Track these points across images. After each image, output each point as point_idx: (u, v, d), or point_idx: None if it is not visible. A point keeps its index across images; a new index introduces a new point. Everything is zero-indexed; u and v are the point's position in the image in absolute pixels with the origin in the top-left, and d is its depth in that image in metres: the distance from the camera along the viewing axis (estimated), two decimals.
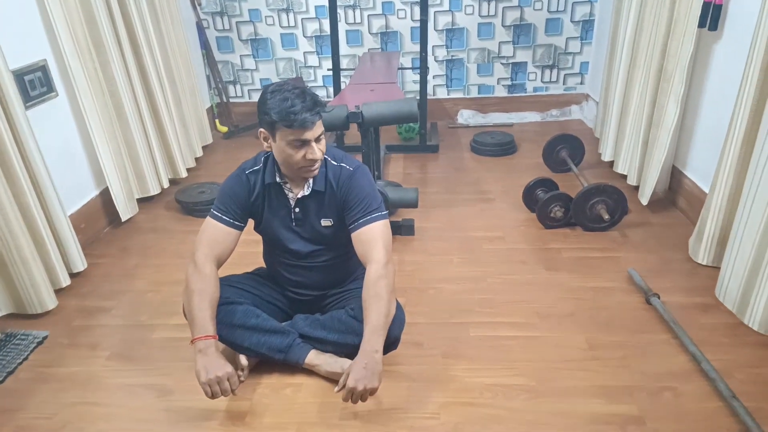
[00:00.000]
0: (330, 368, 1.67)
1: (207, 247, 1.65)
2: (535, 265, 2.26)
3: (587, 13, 3.76)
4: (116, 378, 1.75)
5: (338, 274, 1.83)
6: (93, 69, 2.49)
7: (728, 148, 1.97)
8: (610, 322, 1.90)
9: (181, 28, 3.28)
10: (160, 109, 2.96)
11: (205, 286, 1.58)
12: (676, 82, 2.32)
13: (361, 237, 1.62)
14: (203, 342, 1.52)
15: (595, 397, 1.59)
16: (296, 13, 3.82)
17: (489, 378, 1.68)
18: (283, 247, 1.76)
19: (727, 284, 1.92)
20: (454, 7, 3.77)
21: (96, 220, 2.63)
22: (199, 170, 3.35)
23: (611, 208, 2.43)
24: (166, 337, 1.92)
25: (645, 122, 2.62)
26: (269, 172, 1.67)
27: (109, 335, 1.95)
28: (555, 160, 3.11)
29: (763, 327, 1.78)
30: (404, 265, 2.29)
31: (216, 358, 1.50)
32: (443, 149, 3.55)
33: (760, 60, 1.77)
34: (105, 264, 2.40)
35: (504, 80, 4.00)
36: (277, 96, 1.51)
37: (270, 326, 1.69)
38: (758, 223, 1.74)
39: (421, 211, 2.70)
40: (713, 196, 2.06)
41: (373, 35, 3.87)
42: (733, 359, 1.70)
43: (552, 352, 1.77)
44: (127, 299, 2.15)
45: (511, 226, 2.58)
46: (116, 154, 2.63)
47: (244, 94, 4.12)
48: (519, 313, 1.97)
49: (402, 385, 1.66)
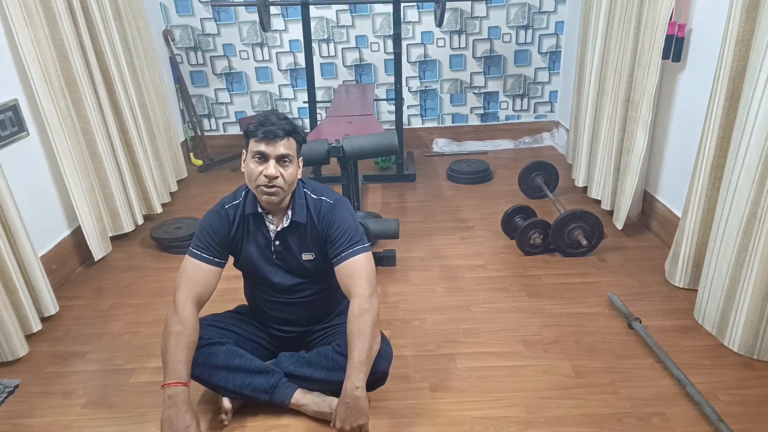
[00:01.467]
0: (317, 407, 1.63)
1: (187, 287, 1.61)
2: (518, 293, 2.27)
3: (554, 44, 3.89)
4: (93, 427, 1.67)
5: (322, 309, 1.81)
6: (65, 107, 2.45)
7: (698, 173, 2.03)
8: (595, 348, 1.91)
9: (155, 63, 3.27)
10: (134, 146, 2.92)
11: (182, 329, 1.54)
12: (644, 111, 2.41)
13: (344, 270, 1.61)
14: (173, 389, 1.47)
15: (586, 426, 1.59)
16: (270, 47, 3.85)
17: (478, 411, 1.66)
18: (264, 281, 1.73)
19: (705, 306, 1.96)
20: (426, 40, 3.85)
21: (68, 260, 2.55)
22: (174, 205, 3.30)
23: (588, 234, 2.47)
24: (146, 381, 1.86)
25: (615, 149, 2.70)
26: (250, 203, 1.66)
27: (84, 381, 1.87)
28: (530, 186, 3.17)
29: (743, 348, 1.82)
30: (388, 296, 2.27)
31: (184, 411, 1.46)
32: (420, 178, 3.59)
33: (724, 91, 1.85)
34: (78, 306, 2.33)
35: (477, 109, 4.08)
36: (263, 113, 1.59)
37: (254, 366, 1.65)
38: (732, 245, 1.79)
39: (402, 241, 2.70)
40: (686, 220, 2.12)
41: (348, 68, 3.92)
42: (716, 381, 1.72)
43: (540, 381, 1.77)
44: (102, 342, 2.08)
45: (492, 253, 2.60)
46: (89, 192, 2.57)
47: (218, 128, 4.10)
48: (504, 341, 1.97)
49: (391, 422, 1.64)
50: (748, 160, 1.68)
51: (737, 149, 1.73)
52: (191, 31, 3.80)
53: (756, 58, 1.62)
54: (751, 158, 1.67)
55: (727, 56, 1.81)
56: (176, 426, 1.44)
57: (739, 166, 1.72)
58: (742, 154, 1.70)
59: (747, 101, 1.67)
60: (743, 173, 1.71)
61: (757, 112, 1.62)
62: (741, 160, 1.71)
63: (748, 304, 1.76)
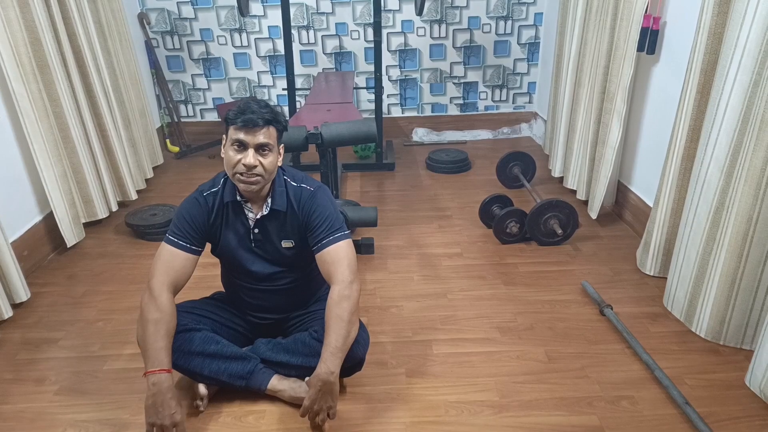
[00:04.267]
0: (294, 393, 1.63)
1: (163, 274, 1.59)
2: (494, 280, 2.30)
3: (533, 36, 3.91)
4: (66, 414, 1.65)
5: (300, 296, 1.81)
6: (37, 90, 2.39)
7: (669, 164, 2.08)
8: (568, 334, 1.95)
9: (130, 47, 3.21)
10: (109, 131, 2.87)
11: (161, 316, 1.53)
12: (619, 102, 2.45)
13: (325, 257, 1.61)
14: (156, 376, 1.46)
15: (557, 409, 1.62)
16: (249, 33, 3.80)
17: (453, 395, 1.69)
18: (242, 270, 1.72)
19: (674, 293, 2.02)
20: (407, 29, 3.85)
21: (40, 246, 2.50)
22: (150, 192, 3.25)
23: (563, 223, 2.51)
24: (120, 368, 1.84)
25: (591, 140, 2.74)
26: (228, 191, 1.64)
27: (56, 368, 1.85)
28: (508, 176, 3.20)
29: (710, 334, 1.88)
30: (366, 284, 2.29)
31: (168, 398, 1.45)
32: (399, 167, 3.59)
33: (696, 83, 1.89)
34: (50, 293, 2.29)
35: (456, 99, 4.10)
36: (244, 100, 1.56)
37: (230, 352, 1.65)
38: (701, 234, 1.84)
39: (381, 230, 2.71)
40: (657, 209, 2.17)
41: (327, 55, 3.89)
42: (683, 366, 1.78)
43: (514, 366, 1.81)
44: (75, 329, 2.05)
45: (469, 242, 2.62)
46: (61, 177, 2.52)
47: (196, 114, 4.04)
48: (480, 328, 2.00)
49: (367, 406, 1.65)
50: (717, 151, 1.72)
51: (707, 141, 1.77)
52: (167, 14, 3.73)
53: (727, 50, 1.66)
54: (720, 149, 1.71)
55: (699, 49, 1.85)
56: (161, 413, 1.43)
57: (709, 157, 1.76)
58: (712, 145, 1.74)
59: (717, 93, 1.71)
60: (712, 164, 1.75)
61: (726, 104, 1.66)
62: (710, 151, 1.75)
63: (715, 292, 1.82)
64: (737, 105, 1.62)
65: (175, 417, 1.44)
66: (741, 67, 1.59)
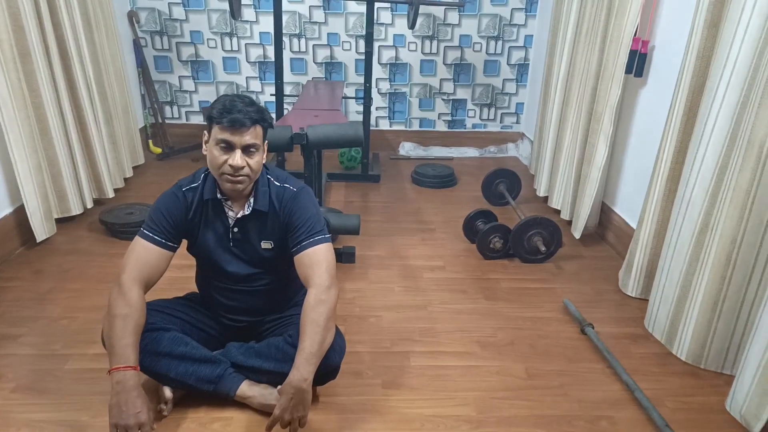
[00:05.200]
0: (264, 400, 1.56)
1: (135, 269, 1.53)
2: (475, 295, 2.26)
3: (522, 57, 3.95)
4: (23, 413, 1.56)
5: (277, 300, 1.75)
6: (17, 79, 2.32)
7: (654, 185, 2.08)
8: (548, 352, 1.92)
9: (117, 43, 3.15)
10: (88, 125, 2.80)
11: (129, 311, 1.46)
12: (606, 123, 2.46)
13: (303, 260, 1.56)
14: (121, 373, 1.39)
15: (536, 427, 1.58)
16: (240, 37, 3.78)
17: (430, 409, 1.64)
18: (219, 270, 1.66)
19: (655, 315, 2.00)
20: (398, 43, 3.85)
21: (8, 239, 2.41)
22: (128, 191, 3.17)
23: (547, 240, 2.50)
24: (82, 368, 1.75)
25: (577, 160, 2.75)
26: (209, 188, 1.59)
27: (15, 365, 1.75)
28: (493, 193, 3.19)
29: (691, 357, 1.86)
30: (345, 293, 2.23)
31: (134, 397, 1.37)
32: (385, 179, 3.57)
33: (683, 104, 1.91)
34: (15, 288, 2.19)
35: (445, 115, 4.10)
36: (227, 96, 1.49)
37: (199, 355, 1.57)
38: (684, 256, 1.83)
39: (362, 239, 2.66)
40: (641, 231, 2.17)
41: (318, 65, 3.88)
42: (663, 388, 1.75)
43: (493, 382, 1.76)
44: (38, 326, 1.96)
45: (452, 255, 2.59)
46: (36, 170, 2.44)
47: (181, 116, 3.98)
48: (460, 342, 1.96)
49: (339, 417, 1.59)
50: (703, 171, 1.72)
51: (693, 161, 1.77)
52: (158, 14, 3.69)
53: (716, 71, 1.67)
54: (706, 170, 1.71)
55: (687, 70, 1.86)
56: (126, 413, 1.35)
57: (694, 177, 1.76)
58: (698, 166, 1.74)
59: (705, 113, 1.72)
60: (698, 185, 1.75)
61: (714, 123, 1.66)
62: (696, 172, 1.75)
63: (697, 314, 1.80)
64: (725, 124, 1.63)
65: (140, 417, 1.36)
66: (729, 87, 1.60)
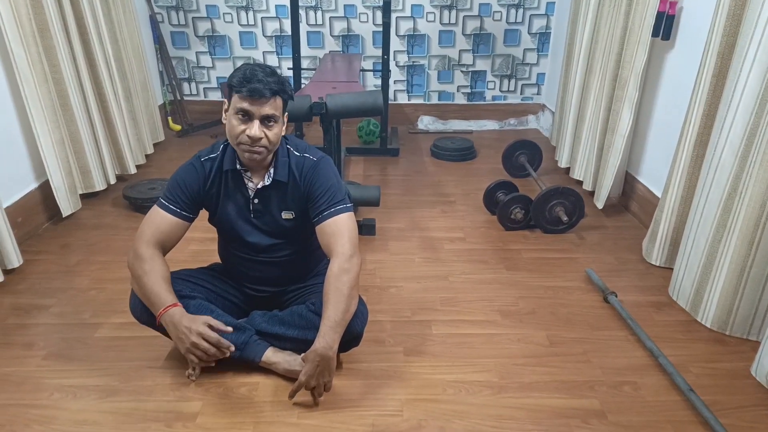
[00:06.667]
0: (288, 366, 1.59)
1: (151, 235, 1.57)
2: (496, 265, 2.25)
3: (544, 25, 3.86)
4: (54, 379, 1.61)
5: (299, 270, 1.76)
6: (36, 53, 2.34)
7: (681, 151, 2.03)
8: (570, 320, 1.91)
9: (134, 19, 3.15)
10: (109, 102, 2.82)
11: (151, 267, 1.52)
12: (631, 89, 2.40)
13: (325, 229, 1.56)
14: (166, 314, 1.47)
15: (558, 391, 1.58)
16: (256, 11, 3.75)
17: (451, 375, 1.65)
18: (240, 241, 1.68)
19: (680, 283, 1.97)
20: (416, 14, 3.79)
21: (34, 214, 2.46)
22: (149, 167, 3.21)
23: (569, 211, 2.47)
24: (111, 336, 1.79)
25: (600, 128, 2.69)
26: (228, 158, 1.60)
27: (46, 334, 1.81)
28: (514, 164, 3.15)
29: (716, 324, 1.83)
30: (366, 264, 2.24)
31: (187, 322, 1.46)
32: (403, 153, 3.55)
33: (712, 66, 1.85)
34: (43, 261, 2.24)
35: (464, 88, 4.04)
36: (249, 65, 1.48)
37: (225, 322, 1.60)
38: (711, 223, 1.79)
39: (382, 212, 2.66)
40: (666, 199, 2.12)
41: (335, 38, 3.84)
42: (688, 354, 1.73)
43: (514, 349, 1.76)
44: (67, 297, 2.01)
45: (472, 227, 2.57)
46: (59, 144, 2.47)
47: (199, 92, 3.99)
48: (481, 311, 1.96)
49: (363, 383, 1.61)
50: (733, 134, 1.67)
51: (722, 124, 1.72)
52: None
53: (746, 31, 1.61)
54: (735, 133, 1.66)
55: (717, 31, 1.80)
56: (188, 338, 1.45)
57: (723, 141, 1.71)
58: (727, 128, 1.69)
59: (735, 75, 1.66)
60: (727, 148, 1.70)
61: (744, 85, 1.61)
62: (725, 135, 1.70)
63: (724, 281, 1.77)
64: (755, 85, 1.57)
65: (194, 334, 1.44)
66: (761, 46, 1.54)
